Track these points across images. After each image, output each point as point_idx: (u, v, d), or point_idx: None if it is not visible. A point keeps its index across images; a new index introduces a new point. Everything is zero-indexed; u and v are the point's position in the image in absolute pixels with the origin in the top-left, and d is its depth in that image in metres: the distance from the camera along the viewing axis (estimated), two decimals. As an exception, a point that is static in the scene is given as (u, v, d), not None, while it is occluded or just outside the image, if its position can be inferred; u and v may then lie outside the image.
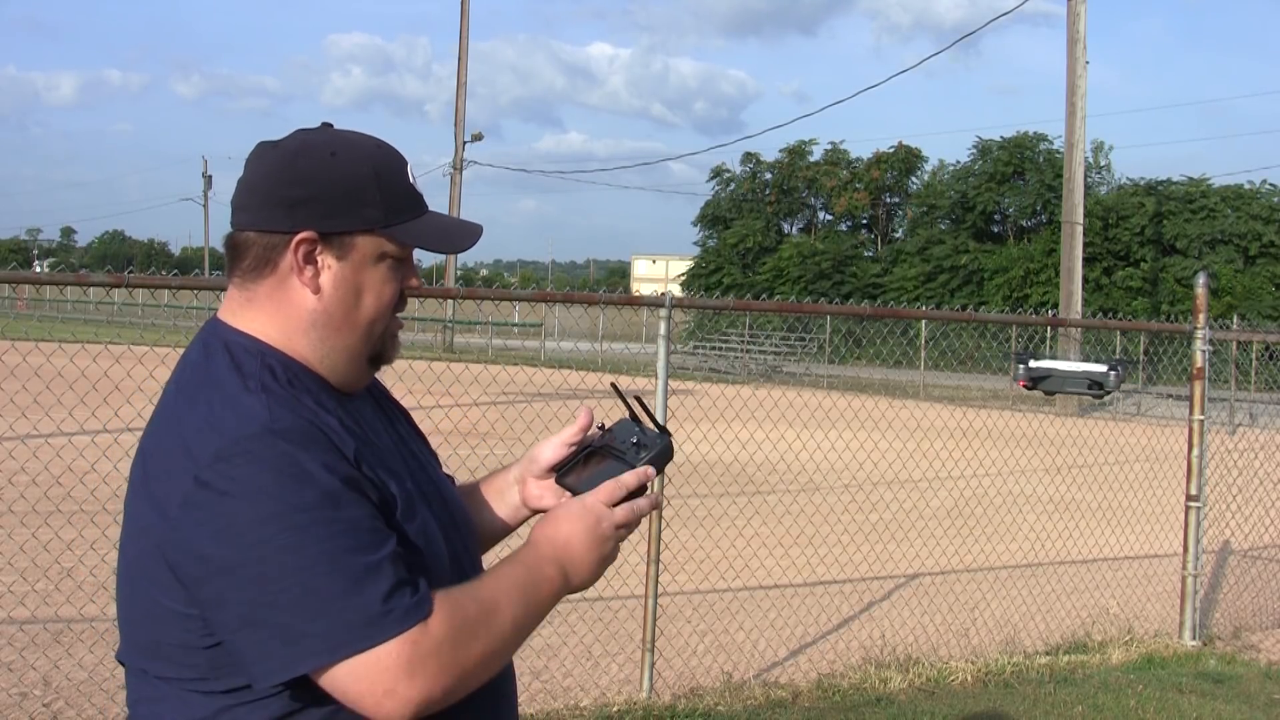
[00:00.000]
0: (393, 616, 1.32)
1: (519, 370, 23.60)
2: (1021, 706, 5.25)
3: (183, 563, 1.37)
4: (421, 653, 1.33)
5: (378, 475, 1.44)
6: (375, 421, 1.58)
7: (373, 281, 1.52)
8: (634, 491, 1.60)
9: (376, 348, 1.55)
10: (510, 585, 1.46)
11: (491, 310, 36.94)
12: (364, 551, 1.34)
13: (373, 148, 1.54)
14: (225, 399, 1.42)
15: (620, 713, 4.99)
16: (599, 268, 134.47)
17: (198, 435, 1.39)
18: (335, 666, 1.32)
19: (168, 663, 1.44)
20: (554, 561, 1.51)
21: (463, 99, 34.91)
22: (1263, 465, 8.69)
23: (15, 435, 9.23)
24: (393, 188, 1.52)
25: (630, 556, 6.76)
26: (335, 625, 1.31)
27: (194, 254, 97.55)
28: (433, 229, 1.56)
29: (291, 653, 1.32)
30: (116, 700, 4.79)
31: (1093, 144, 41.34)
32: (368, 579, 1.33)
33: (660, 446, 1.69)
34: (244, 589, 1.33)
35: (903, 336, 30.53)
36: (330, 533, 1.33)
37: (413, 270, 1.57)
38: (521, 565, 1.49)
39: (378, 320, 1.53)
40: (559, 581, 1.51)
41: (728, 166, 49.36)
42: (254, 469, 1.34)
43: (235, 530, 1.33)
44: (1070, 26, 23.04)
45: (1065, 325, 17.29)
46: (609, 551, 1.56)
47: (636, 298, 6.05)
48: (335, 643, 1.31)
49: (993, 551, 8.18)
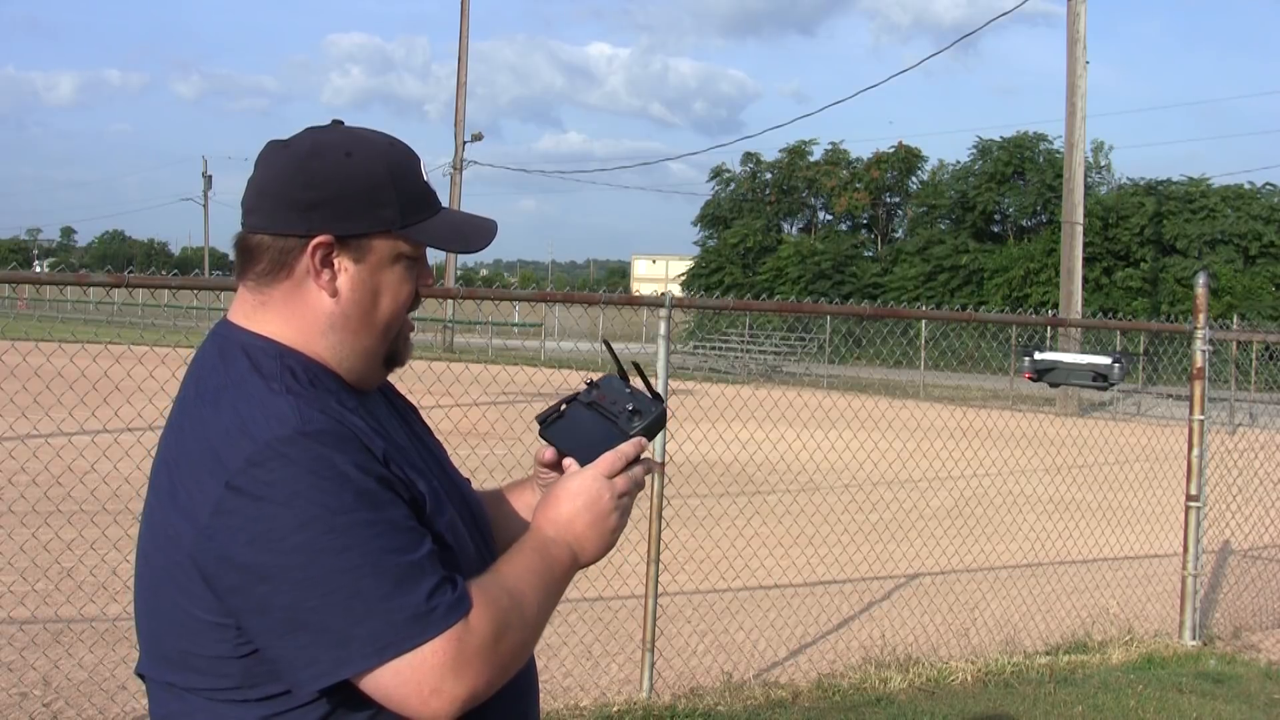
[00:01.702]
0: (436, 614, 1.32)
1: (519, 370, 23.59)
2: (1021, 706, 5.25)
3: (218, 572, 1.34)
4: (467, 649, 1.33)
5: (405, 474, 1.43)
6: (391, 419, 1.57)
7: (390, 283, 1.51)
8: (632, 461, 1.58)
9: (392, 348, 1.55)
10: (528, 572, 1.46)
11: (491, 310, 36.92)
12: (405, 551, 1.34)
13: (386, 146, 1.52)
14: (252, 402, 1.39)
15: (620, 713, 4.99)
16: (599, 268, 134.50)
17: (227, 440, 1.36)
18: (380, 669, 1.31)
19: (198, 674, 1.41)
20: (560, 542, 1.51)
21: (463, 99, 34.90)
22: (1263, 465, 8.69)
23: (15, 435, 9.23)
24: (408, 187, 1.51)
25: (630, 556, 6.79)
26: (382, 626, 1.30)
27: (194, 254, 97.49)
28: (448, 228, 1.55)
29: (338, 656, 1.31)
30: (116, 700, 4.80)
31: (1093, 144, 41.37)
32: (410, 578, 1.32)
33: (655, 414, 1.63)
34: (287, 594, 1.31)
35: (903, 336, 30.51)
36: (371, 534, 1.32)
37: (427, 270, 1.57)
38: (533, 551, 1.49)
39: (394, 321, 1.53)
40: (569, 561, 1.52)
41: (728, 166, 49.39)
42: (289, 473, 1.32)
43: (274, 536, 1.31)
44: (1070, 26, 23.03)
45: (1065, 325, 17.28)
46: (614, 524, 1.55)
47: (636, 298, 6.05)
48: (383, 644, 1.30)
49: (993, 551, 8.17)
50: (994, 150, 42.84)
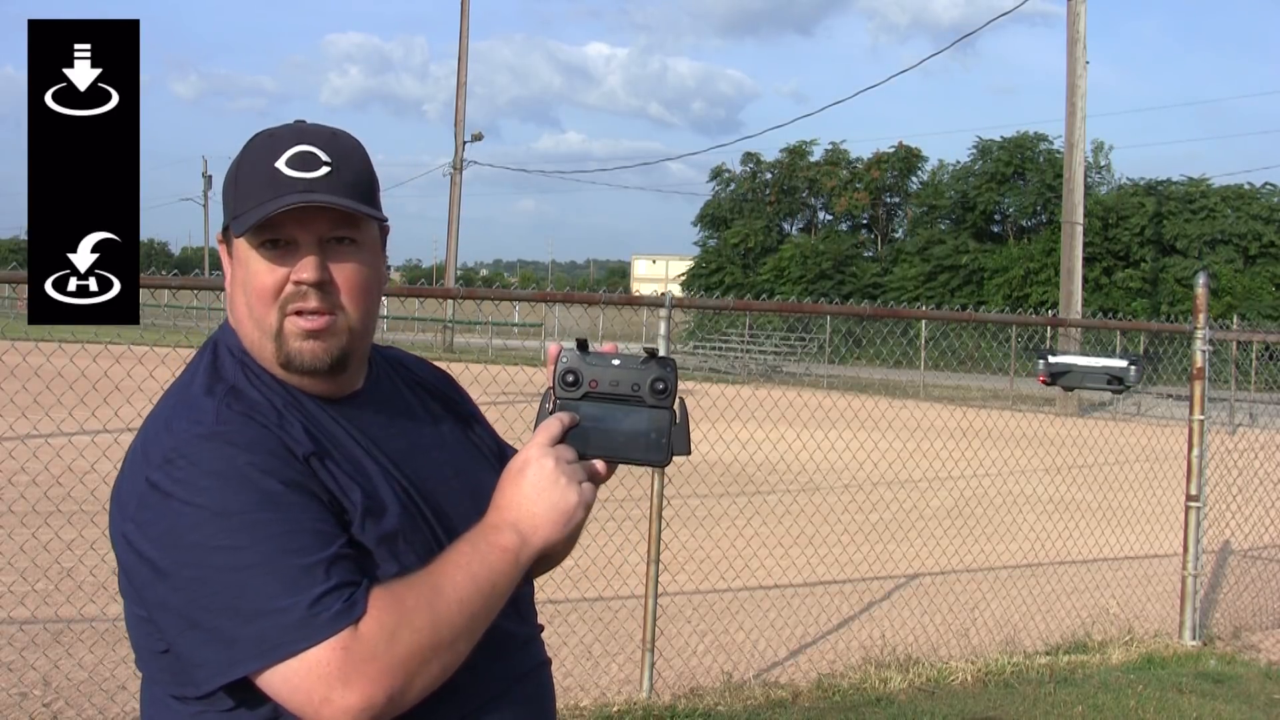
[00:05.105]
0: (321, 620, 1.28)
1: (519, 370, 23.58)
2: (1021, 706, 5.25)
3: (135, 566, 1.36)
4: (355, 657, 1.27)
5: (337, 480, 1.40)
6: (379, 426, 1.53)
7: (239, 275, 1.49)
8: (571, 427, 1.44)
9: (280, 347, 1.48)
10: (451, 564, 1.37)
11: (491, 310, 36.92)
12: (302, 554, 1.30)
13: (256, 140, 1.49)
14: (183, 399, 1.43)
15: (620, 713, 4.99)
16: (599, 268, 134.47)
17: (154, 437, 1.39)
18: (270, 672, 1.28)
19: (146, 667, 1.45)
20: (501, 526, 1.40)
21: (463, 99, 34.88)
22: (1263, 465, 8.69)
23: (15, 435, 9.23)
24: (245, 177, 1.46)
25: (630, 556, 6.79)
26: (268, 628, 1.28)
27: (194, 254, 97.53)
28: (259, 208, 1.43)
29: (227, 656, 1.30)
30: (116, 700, 4.80)
31: (1093, 144, 41.38)
32: (302, 582, 1.29)
33: (670, 368, 1.47)
34: (182, 592, 1.31)
35: (903, 336, 30.51)
36: (267, 534, 1.30)
37: (299, 257, 1.44)
38: (465, 543, 1.39)
39: (260, 313, 1.47)
40: (515, 544, 1.39)
41: (728, 167, 49.45)
42: (194, 471, 1.33)
43: (176, 533, 1.32)
44: (1070, 26, 23.04)
45: (1065, 325, 17.28)
46: (564, 494, 1.40)
47: (636, 298, 6.05)
48: (267, 647, 1.28)
49: (993, 551, 8.17)
50: (994, 150, 42.87)
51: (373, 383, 1.58)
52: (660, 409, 1.45)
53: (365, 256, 1.49)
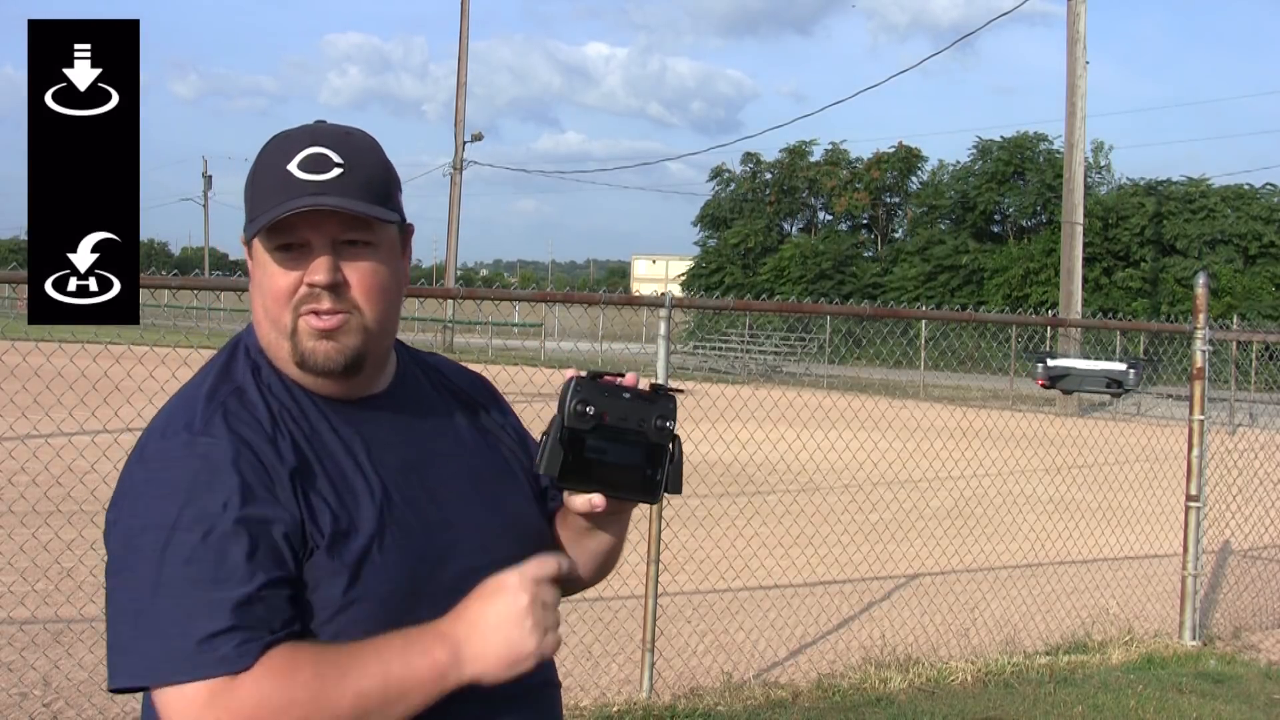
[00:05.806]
0: (204, 659, 1.26)
1: (519, 370, 23.56)
2: (1021, 706, 5.25)
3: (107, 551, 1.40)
4: (219, 707, 1.25)
5: (310, 504, 1.37)
6: (392, 431, 1.50)
7: (258, 277, 1.47)
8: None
9: (295, 347, 1.48)
10: (373, 652, 1.32)
11: (491, 310, 36.92)
12: (214, 587, 1.28)
13: (269, 145, 1.48)
14: (187, 399, 1.43)
15: (620, 713, 4.99)
16: (599, 268, 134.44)
17: (150, 429, 1.42)
18: (156, 691, 1.29)
19: None
20: (444, 638, 1.35)
21: (463, 99, 34.89)
22: (1263, 465, 8.68)
23: (15, 435, 9.23)
24: (259, 180, 1.45)
25: (630, 556, 6.77)
26: (156, 650, 1.28)
27: (194, 254, 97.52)
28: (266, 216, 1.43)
29: (118, 663, 1.31)
30: (116, 700, 4.79)
31: (1093, 144, 41.39)
32: (201, 615, 1.27)
33: (673, 403, 1.47)
34: (109, 589, 1.35)
35: (903, 336, 30.52)
36: (192, 557, 1.29)
37: (312, 259, 1.43)
38: (404, 635, 1.34)
39: (276, 315, 1.46)
40: (444, 664, 1.33)
41: (728, 167, 49.51)
42: (159, 475, 1.35)
43: (119, 530, 1.35)
44: (1070, 26, 23.04)
45: (1065, 325, 17.29)
46: (521, 635, 1.35)
47: (636, 298, 6.05)
48: (150, 666, 1.28)
49: (993, 551, 8.17)
50: (994, 150, 42.90)
51: (396, 386, 1.55)
52: (659, 446, 1.47)
53: (381, 257, 1.46)
